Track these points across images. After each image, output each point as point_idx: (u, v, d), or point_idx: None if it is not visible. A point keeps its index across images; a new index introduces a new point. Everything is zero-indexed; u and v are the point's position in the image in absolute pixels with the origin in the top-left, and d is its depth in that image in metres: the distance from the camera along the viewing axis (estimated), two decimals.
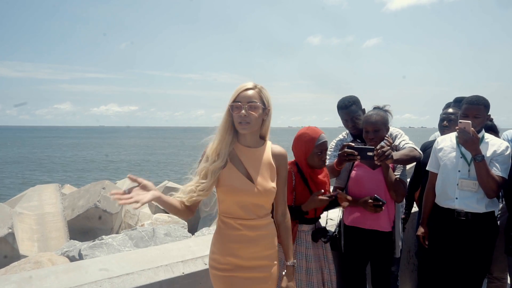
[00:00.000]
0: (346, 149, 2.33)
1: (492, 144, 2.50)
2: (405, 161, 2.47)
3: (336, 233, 2.62)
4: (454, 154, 2.58)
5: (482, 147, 2.45)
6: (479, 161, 2.37)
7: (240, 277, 1.73)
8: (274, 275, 1.81)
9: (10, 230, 5.12)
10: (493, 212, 2.50)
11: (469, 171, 2.49)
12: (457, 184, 2.51)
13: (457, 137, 2.52)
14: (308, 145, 2.24)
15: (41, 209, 6.19)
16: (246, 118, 1.67)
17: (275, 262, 1.84)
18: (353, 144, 2.35)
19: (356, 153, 2.29)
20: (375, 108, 2.59)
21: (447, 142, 2.67)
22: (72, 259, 4.46)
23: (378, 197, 2.36)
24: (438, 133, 3.35)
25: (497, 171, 2.41)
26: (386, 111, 2.57)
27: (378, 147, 2.33)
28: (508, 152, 2.47)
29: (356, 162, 2.52)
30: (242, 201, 1.72)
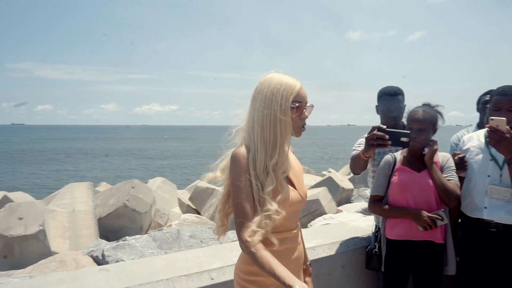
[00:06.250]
0: (375, 132, 1.88)
1: None
2: (440, 186, 2.10)
3: (376, 249, 2.30)
4: (482, 156, 2.20)
5: None
6: None
7: None
8: None
9: (41, 228, 5.21)
10: None
11: (501, 176, 2.10)
12: (486, 191, 2.13)
13: (486, 136, 2.13)
14: None
15: (73, 207, 6.30)
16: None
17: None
18: (384, 126, 1.92)
19: (387, 137, 1.86)
20: (424, 104, 2.22)
21: (474, 142, 2.29)
22: (95, 259, 4.44)
23: (443, 214, 2.06)
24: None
25: None
26: (437, 111, 2.20)
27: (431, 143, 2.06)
28: None
29: (397, 166, 2.19)
30: (290, 211, 1.44)
